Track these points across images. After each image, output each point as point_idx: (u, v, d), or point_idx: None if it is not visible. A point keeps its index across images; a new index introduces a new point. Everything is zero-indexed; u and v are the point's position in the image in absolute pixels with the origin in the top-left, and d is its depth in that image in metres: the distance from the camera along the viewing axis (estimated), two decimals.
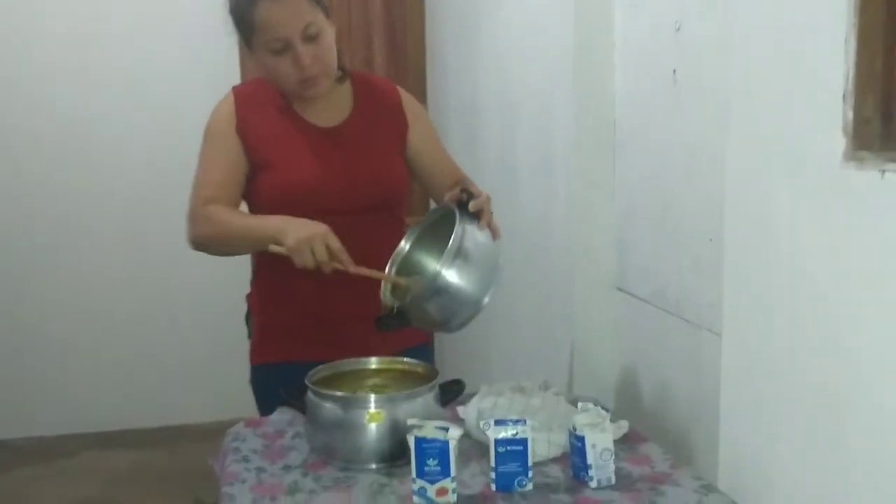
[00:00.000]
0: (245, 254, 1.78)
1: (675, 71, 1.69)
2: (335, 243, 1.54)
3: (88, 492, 3.22)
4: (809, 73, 1.16)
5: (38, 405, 3.71)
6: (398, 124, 1.81)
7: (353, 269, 1.55)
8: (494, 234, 1.58)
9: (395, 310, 1.53)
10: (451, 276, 1.48)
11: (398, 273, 1.60)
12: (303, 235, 1.52)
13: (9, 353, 3.68)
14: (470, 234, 1.51)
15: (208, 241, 1.70)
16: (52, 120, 3.60)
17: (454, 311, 1.52)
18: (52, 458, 3.51)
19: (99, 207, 3.69)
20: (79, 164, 3.65)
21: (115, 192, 3.69)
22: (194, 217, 1.70)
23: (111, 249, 3.73)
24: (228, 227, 1.66)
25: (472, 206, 1.53)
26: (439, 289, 1.48)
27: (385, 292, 1.56)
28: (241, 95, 1.77)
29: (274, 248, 1.55)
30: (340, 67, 1.78)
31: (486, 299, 1.52)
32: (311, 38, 1.64)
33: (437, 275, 1.47)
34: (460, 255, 1.48)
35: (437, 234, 1.57)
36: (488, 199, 1.58)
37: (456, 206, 1.54)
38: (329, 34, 1.69)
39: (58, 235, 3.68)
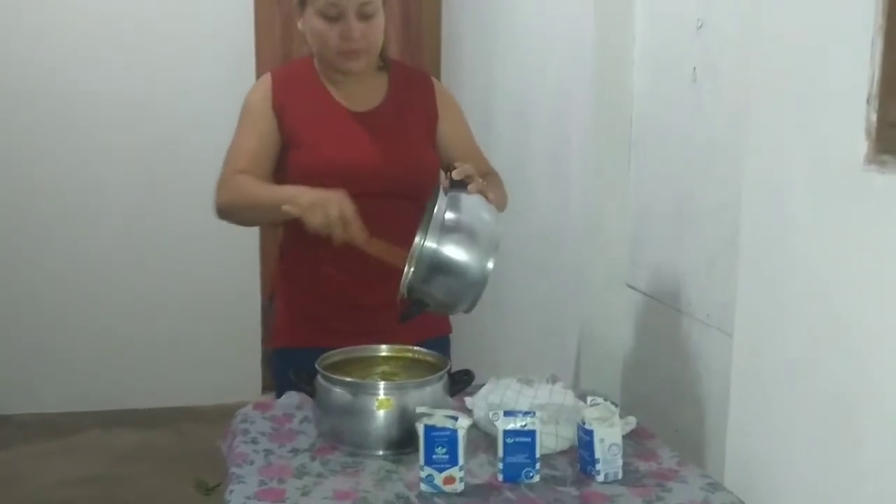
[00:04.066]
0: (265, 223, 1.78)
1: (695, 69, 1.69)
2: (349, 209, 1.53)
3: (93, 469, 3.24)
4: (833, 74, 1.15)
5: (46, 382, 3.73)
6: (429, 114, 1.83)
7: (367, 244, 1.55)
8: (492, 199, 1.54)
9: (406, 297, 1.50)
10: (443, 248, 1.43)
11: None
12: (317, 196, 1.54)
13: (19, 330, 3.71)
14: (455, 203, 1.47)
15: (230, 208, 1.72)
16: (70, 104, 3.62)
17: (457, 286, 1.46)
18: (59, 434, 3.53)
19: (109, 189, 3.71)
20: (97, 147, 3.67)
21: (128, 174, 3.71)
22: (221, 184, 1.73)
23: (123, 230, 3.74)
24: (248, 195, 1.69)
25: (455, 173, 1.52)
26: (433, 263, 1.44)
27: (403, 283, 1.54)
28: (279, 76, 1.80)
29: (287, 208, 1.55)
30: (382, 57, 1.80)
31: (489, 265, 1.45)
32: (365, 15, 1.68)
33: (425, 249, 1.44)
34: (446, 227, 1.44)
35: None
36: (472, 167, 1.56)
37: (447, 183, 1.52)
38: (381, 18, 1.72)
39: (69, 215, 3.70)
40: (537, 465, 1.36)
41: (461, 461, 1.31)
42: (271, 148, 1.75)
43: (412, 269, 1.46)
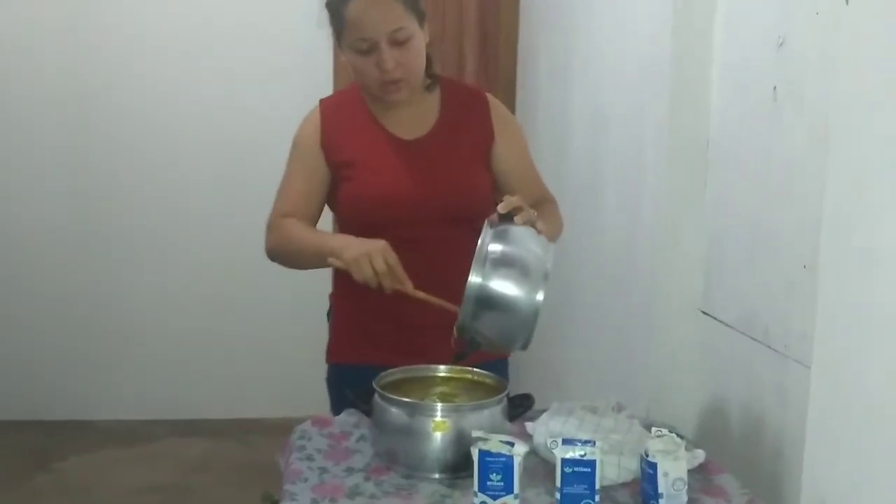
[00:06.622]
0: (311, 268, 1.77)
1: (775, 88, 1.62)
2: (392, 258, 1.54)
3: (164, 477, 3.31)
4: None
5: (127, 390, 3.85)
6: (484, 135, 1.78)
7: (412, 290, 1.55)
8: (541, 229, 1.49)
9: (458, 337, 1.46)
10: (489, 282, 1.40)
11: None
12: (361, 250, 1.55)
13: (101, 340, 3.84)
14: (501, 236, 1.44)
15: (278, 253, 1.75)
16: (148, 120, 3.75)
17: (506, 322, 1.42)
18: (136, 441, 3.62)
19: (186, 205, 3.82)
20: (172, 166, 3.79)
21: (202, 190, 3.81)
22: (269, 228, 1.76)
23: (199, 246, 3.84)
24: (294, 242, 1.71)
25: (500, 207, 1.48)
26: (479, 299, 1.40)
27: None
28: (328, 109, 1.79)
29: (332, 261, 1.58)
30: (430, 75, 1.77)
31: (539, 297, 1.39)
32: (398, 42, 1.64)
33: (470, 285, 1.40)
34: (491, 261, 1.41)
35: None
36: (519, 199, 1.52)
37: (496, 217, 1.49)
38: (419, 41, 1.67)
39: (149, 230, 3.82)
40: (597, 497, 1.31)
41: (516, 489, 1.27)
42: (320, 186, 1.75)
43: (461, 308, 1.43)
